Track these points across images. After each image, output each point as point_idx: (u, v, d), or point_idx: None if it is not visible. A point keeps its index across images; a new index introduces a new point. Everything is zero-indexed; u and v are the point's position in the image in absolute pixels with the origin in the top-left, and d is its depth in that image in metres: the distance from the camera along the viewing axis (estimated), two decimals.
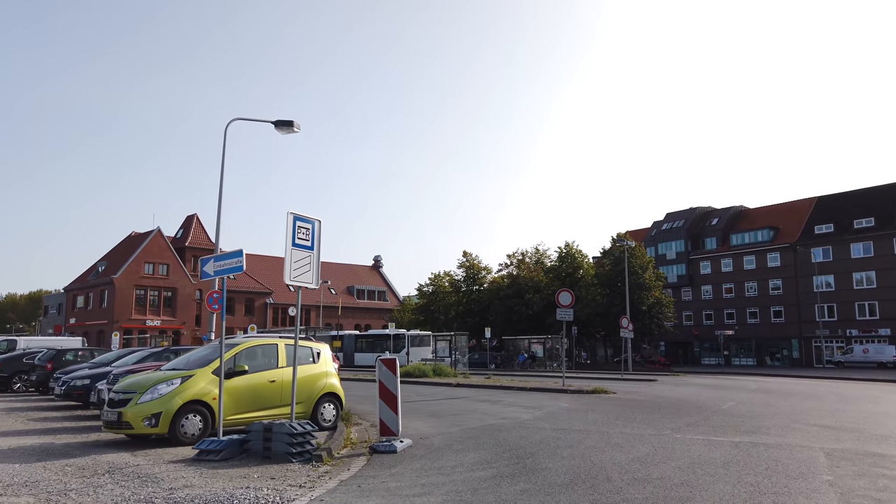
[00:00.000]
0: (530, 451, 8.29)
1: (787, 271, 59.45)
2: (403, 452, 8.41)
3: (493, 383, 21.50)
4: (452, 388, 20.41)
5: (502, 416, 12.78)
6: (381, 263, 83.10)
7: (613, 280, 49.60)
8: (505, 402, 15.65)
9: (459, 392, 19.08)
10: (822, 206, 60.60)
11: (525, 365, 42.94)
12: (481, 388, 20.42)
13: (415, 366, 24.93)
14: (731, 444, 8.95)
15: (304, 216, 8.54)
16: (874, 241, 54.46)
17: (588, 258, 56.12)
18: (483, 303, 58.92)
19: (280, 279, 71.23)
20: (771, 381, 28.76)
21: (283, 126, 18.42)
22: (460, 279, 61.91)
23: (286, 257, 8.14)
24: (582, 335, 55.32)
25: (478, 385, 20.89)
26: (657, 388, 21.42)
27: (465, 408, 14.51)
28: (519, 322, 55.03)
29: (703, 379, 31.01)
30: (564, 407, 14.42)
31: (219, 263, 8.62)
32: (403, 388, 21.10)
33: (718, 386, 23.72)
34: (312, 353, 11.12)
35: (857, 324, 54.89)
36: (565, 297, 19.77)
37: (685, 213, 69.47)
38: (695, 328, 65.60)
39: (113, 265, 61.40)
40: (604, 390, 18.31)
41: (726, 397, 17.70)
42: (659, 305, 49.51)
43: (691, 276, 66.99)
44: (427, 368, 24.61)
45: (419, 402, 16.17)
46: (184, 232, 64.69)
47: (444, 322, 60.43)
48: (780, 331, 59.66)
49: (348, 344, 48.11)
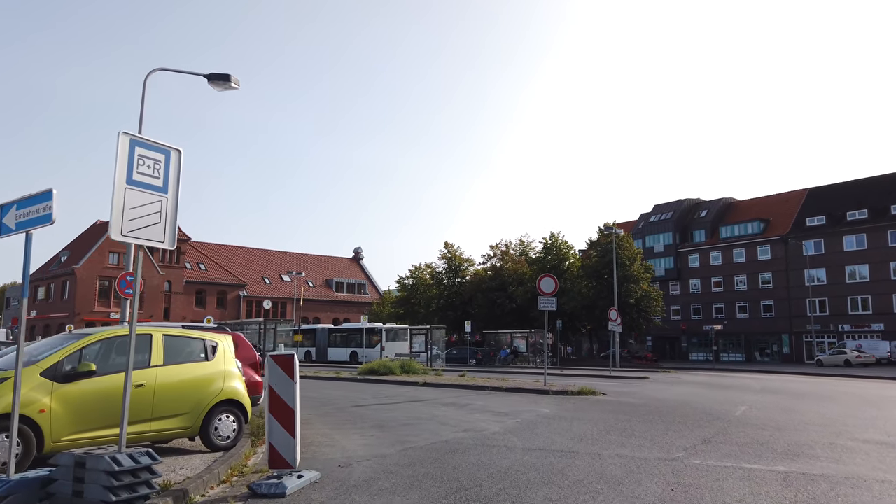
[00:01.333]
0: (488, 494, 5.50)
1: (778, 264, 57.35)
2: (298, 496, 5.57)
3: (466, 382, 18.71)
4: (417, 389, 17.60)
5: (465, 426, 9.97)
6: (361, 256, 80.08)
7: (600, 272, 47.11)
8: (473, 407, 12.86)
9: (424, 393, 16.27)
10: (814, 197, 58.53)
11: (507, 361, 40.29)
12: (451, 387, 17.62)
13: (381, 362, 22.07)
14: (777, 477, 6.21)
15: (151, 141, 5.62)
16: (868, 233, 52.45)
17: (574, 249, 53.61)
18: (465, 296, 56.30)
19: (255, 271, 68.10)
20: (770, 379, 26.31)
21: (219, 80, 15.34)
22: (442, 271, 59.19)
23: (115, 199, 5.21)
24: (567, 329, 52.82)
25: (448, 384, 18.09)
26: (651, 388, 18.77)
27: (422, 414, 11.70)
28: (502, 316, 52.55)
29: (696, 376, 28.50)
30: (544, 414, 11.66)
31: (23, 212, 5.66)
32: (363, 388, 18.41)
33: (717, 385, 21.14)
34: (205, 346, 8.19)
35: (849, 319, 52.89)
36: (547, 283, 17.03)
37: (673, 204, 67.19)
38: (682, 323, 63.40)
39: (76, 255, 57.88)
40: (591, 391, 15.60)
41: (734, 399, 15.07)
42: (647, 299, 47.08)
43: (679, 270, 64.76)
44: (394, 365, 21.77)
45: (371, 406, 13.34)
46: None
47: (425, 316, 57.81)
48: (770, 326, 57.57)
49: (321, 338, 45.17)
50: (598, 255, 48.07)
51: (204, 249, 65.67)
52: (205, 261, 63.29)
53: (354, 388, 18.41)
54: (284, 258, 71.35)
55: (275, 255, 71.46)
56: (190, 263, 62.76)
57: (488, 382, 18.49)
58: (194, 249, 64.14)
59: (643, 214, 69.22)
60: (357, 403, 13.66)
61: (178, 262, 60.80)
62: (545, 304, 17.02)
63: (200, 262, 63.02)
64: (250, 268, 67.70)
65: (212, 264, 63.23)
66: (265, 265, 68.90)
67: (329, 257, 77.02)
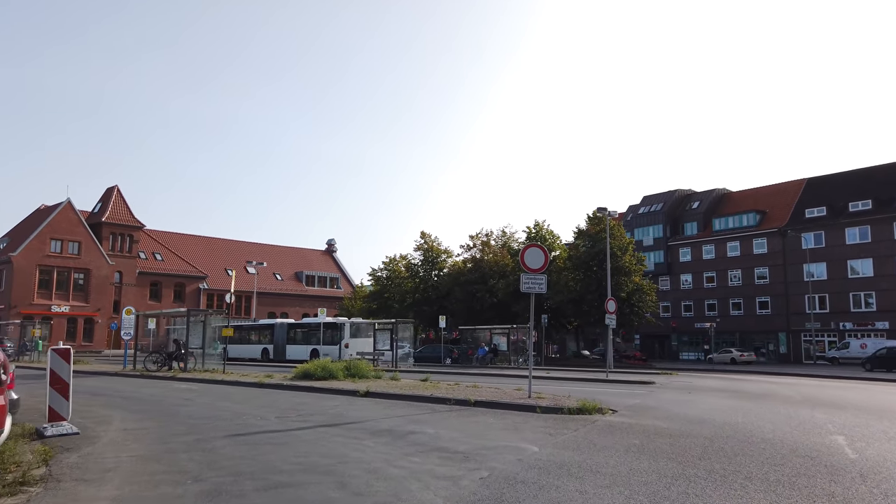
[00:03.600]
0: None
1: (775, 258, 53.21)
2: None
3: (424, 391, 13.67)
4: (353, 402, 12.55)
5: (380, 496, 5.02)
6: (334, 248, 74.65)
7: (588, 263, 42.41)
8: (416, 440, 7.86)
9: (358, 410, 11.24)
10: (814, 187, 54.49)
11: (485, 360, 35.37)
12: (402, 400, 12.61)
13: (320, 363, 16.91)
14: None
15: None
16: (871, 225, 48.45)
17: (560, 240, 48.89)
18: (442, 289, 51.41)
19: (217, 262, 62.45)
20: (800, 384, 21.65)
21: None
22: (418, 263, 54.21)
23: None
24: (552, 326, 48.12)
25: (399, 395, 13.04)
26: (668, 399, 13.95)
27: (324, 459, 6.69)
28: (482, 311, 47.78)
29: (706, 380, 23.75)
30: (531, 459, 6.69)
31: None
32: (280, 399, 12.08)
33: (748, 393, 16.36)
34: None
35: (851, 316, 48.86)
36: (534, 256, 12.09)
37: (664, 195, 62.86)
38: (673, 320, 59.05)
39: (15, 242, 51.82)
40: (596, 407, 10.70)
41: (806, 421, 10.24)
42: (639, 293, 42.46)
43: (670, 264, 60.43)
44: (336, 367, 16.69)
45: (259, 434, 8.28)
46: (102, 206, 55.34)
47: (399, 311, 52.88)
48: (766, 323, 53.42)
49: (279, 335, 39.89)
50: (587, 244, 43.42)
51: (161, 238, 59.92)
52: (161, 250, 57.57)
53: (270, 397, 13.35)
54: (251, 249, 65.73)
55: (240, 246, 65.82)
56: (144, 253, 57.02)
57: (454, 392, 13.47)
58: (150, 238, 58.39)
59: (631, 206, 64.85)
60: (238, 430, 8.61)
61: (131, 250, 55.04)
62: (531, 285, 12.09)
63: (156, 252, 57.28)
64: (212, 259, 62.04)
65: (169, 254, 57.52)
66: (229, 256, 63.24)
67: (300, 249, 71.51)
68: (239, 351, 42.12)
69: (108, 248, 53.54)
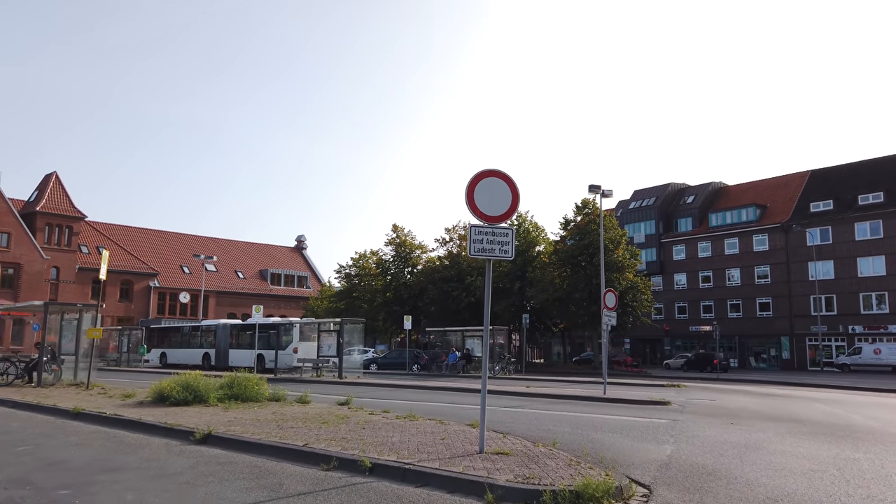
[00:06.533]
0: None
1: (777, 256, 48.22)
2: None
3: (304, 434, 7.78)
4: (164, 458, 6.79)
5: None
6: (304, 245, 68.66)
7: (576, 257, 37.04)
8: None
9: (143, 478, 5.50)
10: (818, 179, 49.62)
11: (457, 368, 29.75)
12: (255, 452, 6.91)
13: (182, 380, 10.95)
14: None
15: None
16: (883, 219, 43.59)
17: (545, 233, 43.50)
18: (415, 288, 45.87)
19: (170, 257, 56.29)
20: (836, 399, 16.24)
21: None
22: (389, 259, 48.60)
23: None
24: (535, 329, 42.69)
25: (253, 443, 7.20)
26: (715, 441, 8.41)
27: None
28: (458, 311, 42.32)
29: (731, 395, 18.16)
30: None
31: None
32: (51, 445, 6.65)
33: (821, 425, 10.87)
34: None
35: (861, 319, 43.91)
36: (492, 191, 6.45)
37: (656, 189, 57.78)
38: (665, 323, 53.79)
39: None
40: (605, 488, 5.04)
41: None
42: (634, 291, 37.18)
43: (662, 263, 55.24)
44: (210, 385, 11.00)
45: None
46: (38, 194, 49.05)
47: (368, 311, 47.35)
48: (767, 327, 48.36)
49: (222, 338, 33.98)
50: (575, 237, 38.07)
51: (106, 231, 53.64)
52: (107, 244, 51.28)
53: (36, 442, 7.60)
54: (209, 244, 59.54)
55: (197, 241, 59.59)
56: (87, 247, 50.72)
57: (357, 435, 7.70)
58: (93, 230, 52.10)
59: (622, 202, 59.63)
60: None
61: (70, 244, 48.75)
62: (487, 245, 6.51)
63: (101, 246, 50.97)
64: (166, 254, 55.83)
65: (116, 248, 51.23)
66: (185, 252, 57.05)
67: (266, 245, 65.41)
68: (179, 356, 36.24)
69: (44, 241, 47.29)
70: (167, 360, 37.18)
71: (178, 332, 38.04)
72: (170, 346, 37.72)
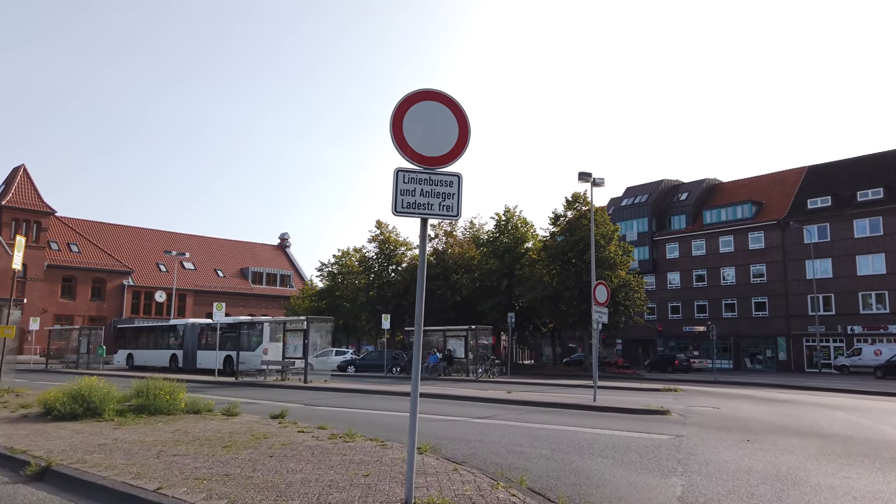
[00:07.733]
0: None
1: (774, 254, 46.50)
2: None
3: (217, 462, 5.87)
4: None
5: None
6: (288, 243, 66.38)
7: (566, 254, 35.11)
8: None
9: None
10: (816, 175, 47.96)
11: (437, 370, 27.70)
12: (94, 497, 4.80)
13: (76, 388, 8.87)
14: None
15: None
16: (883, 216, 41.95)
17: (534, 229, 41.53)
18: (400, 286, 43.82)
19: (146, 255, 53.93)
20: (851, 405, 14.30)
21: None
22: (373, 257, 46.53)
23: None
24: (523, 328, 40.73)
25: (94, 484, 5.16)
26: (744, 489, 6.37)
27: None
28: (443, 311, 40.39)
29: (738, 403, 16.26)
30: None
31: None
32: None
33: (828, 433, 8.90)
34: None
35: (860, 319, 42.21)
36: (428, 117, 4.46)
37: (649, 186, 55.98)
38: (658, 323, 51.91)
39: None
40: None
41: None
42: (626, 289, 35.28)
43: (655, 261, 53.42)
44: (110, 396, 8.87)
45: None
46: (5, 188, 46.62)
47: (351, 310, 45.49)
48: (763, 327, 46.62)
49: (189, 338, 31.77)
50: (566, 233, 36.13)
51: (78, 227, 51.20)
52: (78, 241, 48.92)
53: None
54: (187, 242, 57.18)
55: (174, 238, 57.21)
56: (57, 243, 48.29)
57: (272, 469, 5.69)
58: (63, 226, 49.66)
59: (613, 199, 57.85)
60: None
61: (38, 240, 46.31)
62: (425, 199, 4.53)
63: (72, 243, 48.60)
64: (141, 252, 53.46)
65: (87, 245, 48.89)
66: (162, 250, 54.67)
67: (248, 243, 63.09)
68: (147, 358, 34.08)
69: (10, 237, 44.85)
70: (134, 362, 34.96)
71: (146, 333, 35.81)
72: (137, 347, 35.52)
